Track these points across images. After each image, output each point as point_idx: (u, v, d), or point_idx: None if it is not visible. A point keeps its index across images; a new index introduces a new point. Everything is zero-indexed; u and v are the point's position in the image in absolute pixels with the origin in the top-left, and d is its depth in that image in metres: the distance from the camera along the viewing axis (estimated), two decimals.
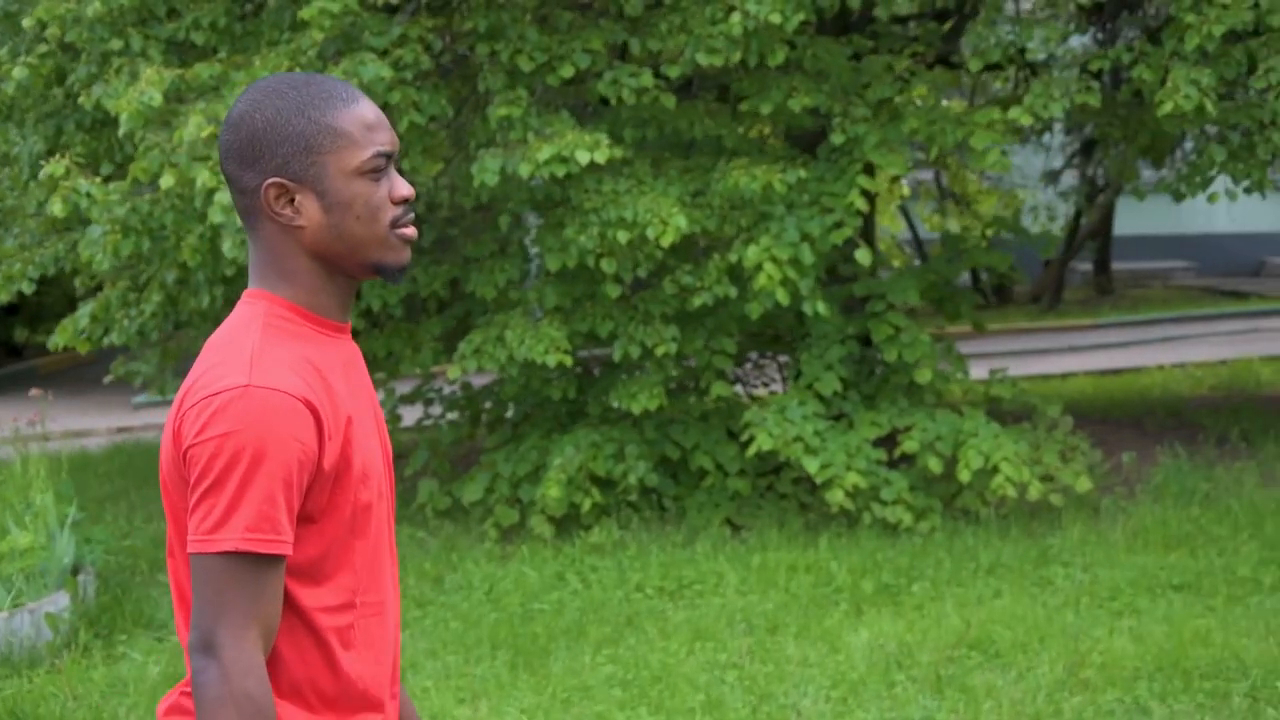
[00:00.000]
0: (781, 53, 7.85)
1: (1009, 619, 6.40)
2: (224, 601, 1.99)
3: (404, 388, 9.99)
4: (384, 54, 7.52)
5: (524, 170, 7.34)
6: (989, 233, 10.27)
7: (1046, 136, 14.08)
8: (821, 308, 8.01)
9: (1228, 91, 8.08)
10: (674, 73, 7.97)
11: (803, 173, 8.02)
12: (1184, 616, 6.34)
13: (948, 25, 9.86)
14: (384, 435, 2.31)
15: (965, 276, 23.02)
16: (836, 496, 7.91)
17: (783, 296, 7.80)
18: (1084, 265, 22.62)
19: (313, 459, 2.06)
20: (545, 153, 7.31)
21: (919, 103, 8.57)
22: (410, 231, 2.18)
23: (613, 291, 7.99)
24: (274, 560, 2.03)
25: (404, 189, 2.17)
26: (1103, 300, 21.33)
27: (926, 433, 8.31)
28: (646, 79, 7.88)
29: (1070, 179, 16.87)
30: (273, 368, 2.05)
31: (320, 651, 2.14)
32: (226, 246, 7.01)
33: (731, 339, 8.60)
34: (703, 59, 7.80)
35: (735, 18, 7.57)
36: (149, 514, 9.41)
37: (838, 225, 8.09)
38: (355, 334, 8.94)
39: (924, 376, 8.48)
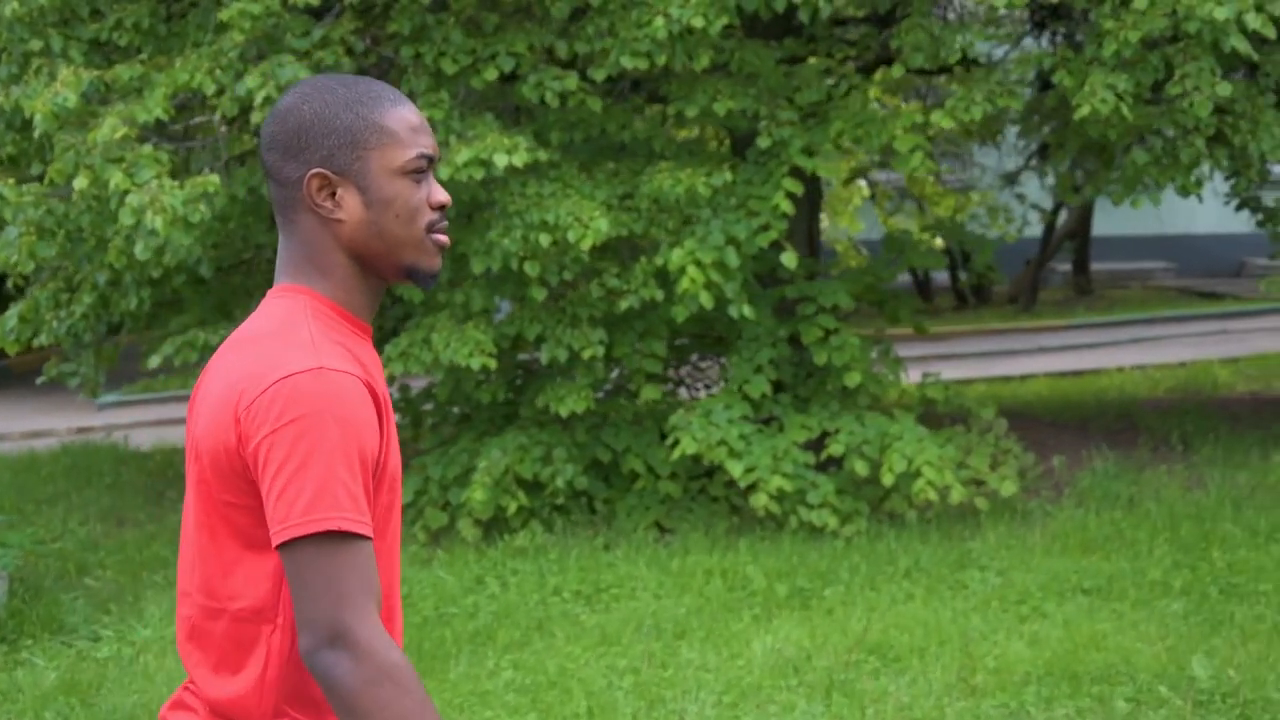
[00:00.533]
0: (706, 56, 7.86)
1: (912, 623, 6.40)
2: (341, 584, 1.94)
3: None
4: (306, 56, 7.52)
5: (443, 173, 7.34)
6: (926, 236, 10.27)
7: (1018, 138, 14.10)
8: (747, 310, 8.01)
9: (1153, 97, 8.08)
10: (600, 75, 7.97)
11: (728, 176, 8.02)
12: (1086, 620, 6.35)
13: (893, 29, 9.85)
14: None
15: (944, 277, 23.06)
16: (760, 500, 7.92)
17: (706, 300, 7.81)
18: (1064, 266, 22.64)
19: (378, 447, 2.07)
20: (464, 155, 7.32)
21: (878, 105, 8.56)
22: (444, 238, 2.19)
23: (538, 294, 7.99)
24: (370, 540, 2.00)
25: (442, 195, 2.18)
26: (1080, 301, 21.35)
27: (854, 436, 8.31)
28: (571, 82, 7.89)
29: (1033, 181, 16.91)
30: (337, 353, 2.05)
31: None
32: (139, 249, 7.02)
33: (661, 342, 8.60)
34: (628, 62, 7.81)
35: (659, 21, 7.59)
36: (85, 516, 9.42)
37: (764, 228, 8.09)
38: None
39: (853, 379, 8.49)
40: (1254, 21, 7.04)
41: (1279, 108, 8.24)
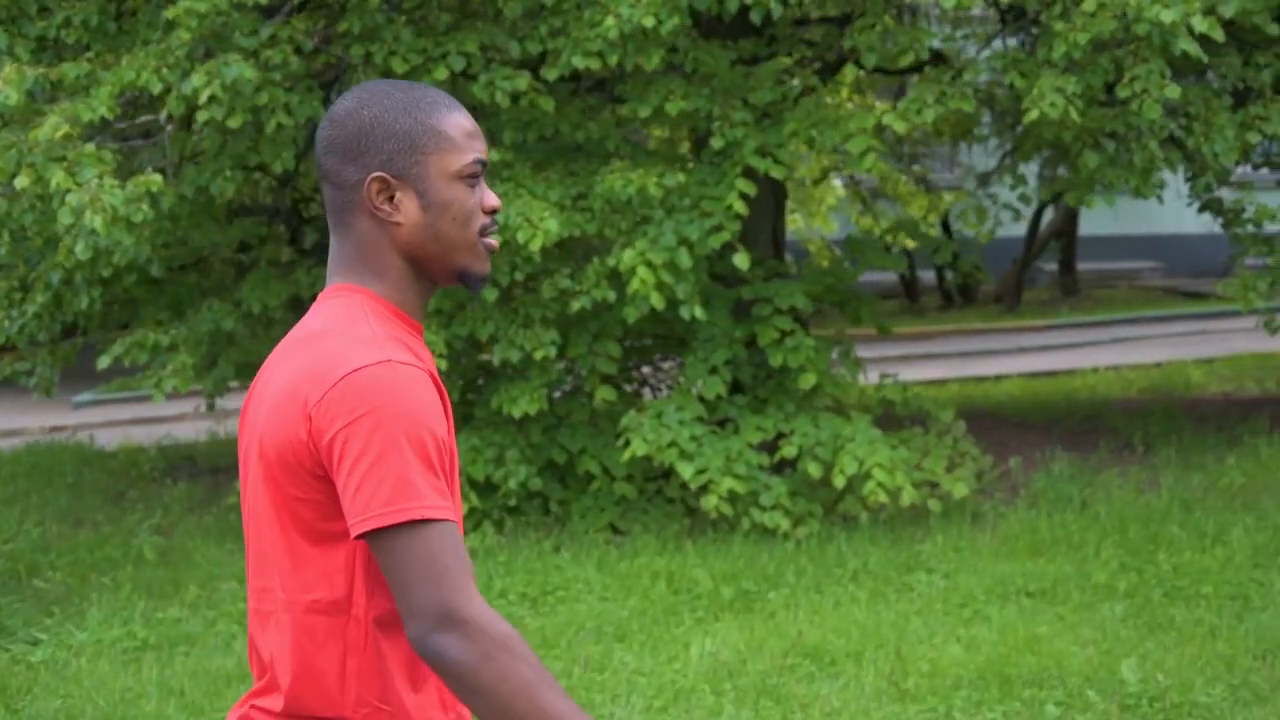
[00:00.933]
0: (657, 56, 7.83)
1: (851, 627, 6.38)
2: (437, 566, 1.97)
3: None
4: (254, 55, 7.50)
5: None
6: (889, 238, 10.23)
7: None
8: (699, 312, 7.99)
9: (1107, 99, 8.06)
10: (552, 75, 7.95)
11: (681, 177, 8.00)
12: (1026, 623, 6.33)
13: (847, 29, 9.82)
14: None
15: (930, 276, 23.03)
16: (711, 502, 7.90)
17: (657, 301, 7.79)
18: (1052, 265, 22.64)
19: (445, 437, 2.10)
20: None
21: (847, 105, 8.52)
22: (494, 242, 2.23)
23: (489, 295, 7.96)
24: (455, 524, 2.03)
25: (494, 200, 2.21)
26: (1065, 301, 21.34)
27: (807, 438, 8.29)
28: (523, 81, 7.87)
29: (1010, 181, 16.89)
30: (398, 348, 2.08)
31: (380, 680, 2.12)
32: (79, 249, 6.99)
33: (616, 343, 8.57)
34: (579, 62, 7.79)
35: (609, 21, 7.57)
36: (42, 516, 9.39)
37: (717, 229, 8.07)
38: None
39: (808, 381, 8.47)
40: (1200, 25, 7.01)
41: (1234, 110, 8.22)
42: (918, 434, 8.78)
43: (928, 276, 23.23)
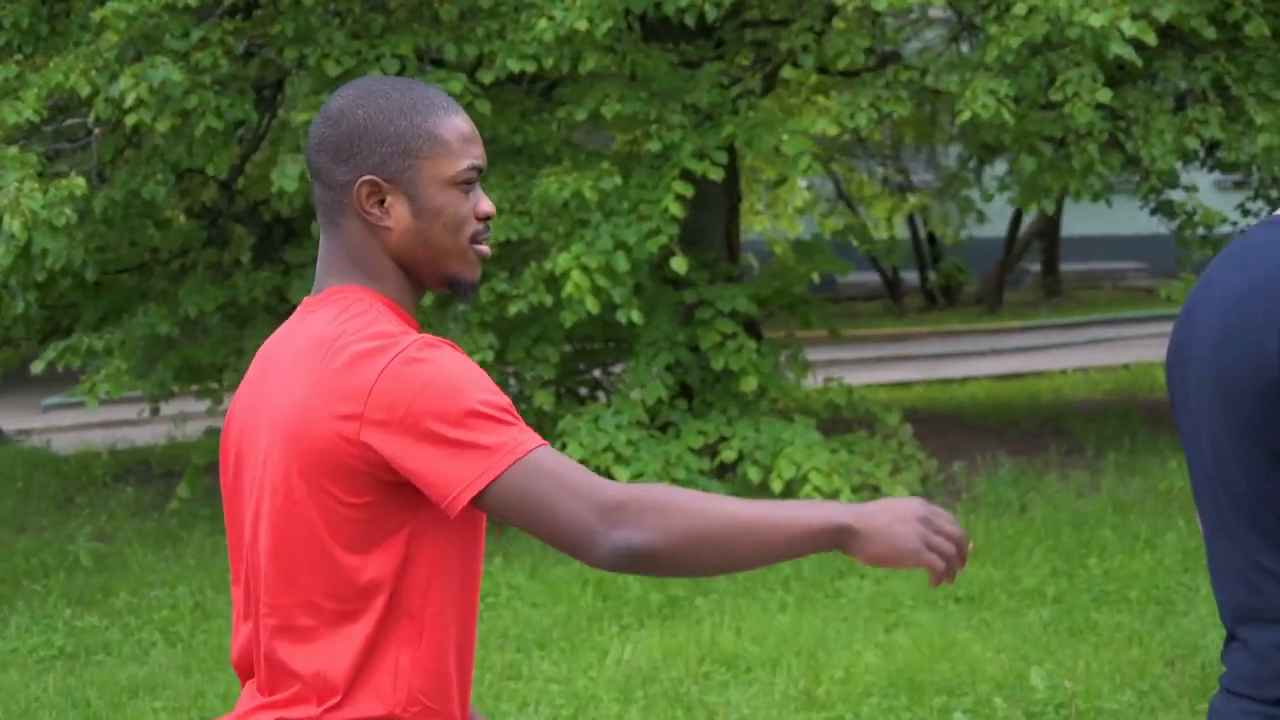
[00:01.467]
0: (592, 59, 7.80)
1: (772, 634, 6.34)
2: (564, 481, 1.96)
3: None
4: (184, 58, 7.46)
5: None
6: (855, 239, 10.21)
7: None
8: (635, 316, 7.95)
9: (1049, 103, 8.02)
10: (488, 78, 7.92)
11: (618, 180, 7.96)
12: (949, 630, 6.28)
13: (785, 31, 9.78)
14: None
15: (914, 278, 22.98)
16: None
17: (592, 305, 7.76)
18: (1036, 266, 22.63)
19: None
20: None
21: (813, 106, 8.44)
22: (486, 249, 2.20)
23: (425, 298, 7.93)
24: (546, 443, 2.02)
25: (488, 206, 2.18)
26: (1048, 302, 21.30)
27: (746, 442, 8.26)
28: (457, 84, 7.83)
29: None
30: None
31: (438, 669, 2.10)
32: (0, 252, 6.96)
33: (555, 347, 8.54)
34: (514, 65, 7.76)
35: (543, 23, 7.54)
36: None
37: (654, 232, 8.03)
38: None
39: (749, 385, 8.44)
40: (1130, 29, 6.98)
41: (1176, 113, 8.18)
42: (862, 438, 8.75)
43: (911, 278, 23.21)
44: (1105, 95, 7.33)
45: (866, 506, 2.03)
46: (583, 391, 9.87)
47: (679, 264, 8.10)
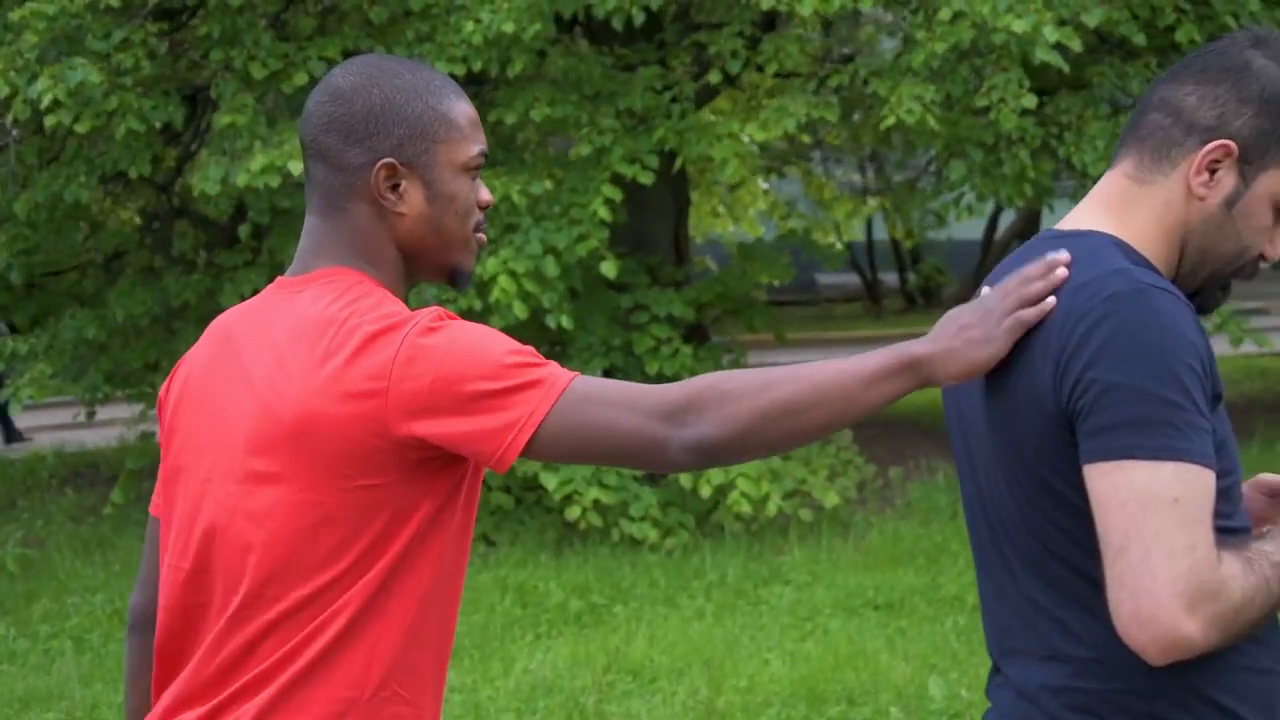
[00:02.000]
0: (520, 62, 7.76)
1: (683, 642, 6.29)
2: (623, 396, 1.90)
3: None
4: (106, 59, 7.40)
5: (241, 180, 7.23)
6: (821, 238, 10.18)
7: None
8: (565, 321, 7.91)
9: (982, 108, 7.98)
10: None
11: (548, 184, 7.92)
12: (862, 637, 6.24)
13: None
14: None
15: (894, 279, 22.95)
16: (574, 513, 7.81)
17: (520, 310, 7.71)
18: None
19: None
20: (259, 162, 7.20)
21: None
22: (484, 238, 2.13)
23: None
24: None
25: (488, 195, 2.11)
26: None
27: None
28: None
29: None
30: None
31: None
32: None
33: None
34: (443, 68, 7.71)
35: (469, 26, 7.50)
36: None
37: (584, 237, 7.98)
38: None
39: None
40: (1053, 35, 6.93)
41: (1111, 119, 8.13)
42: None
43: (891, 279, 23.18)
44: (1030, 101, 7.28)
45: (931, 333, 1.94)
46: None
47: (609, 268, 8.05)
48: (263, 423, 1.99)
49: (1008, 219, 20.59)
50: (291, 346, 2.00)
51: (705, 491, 7.88)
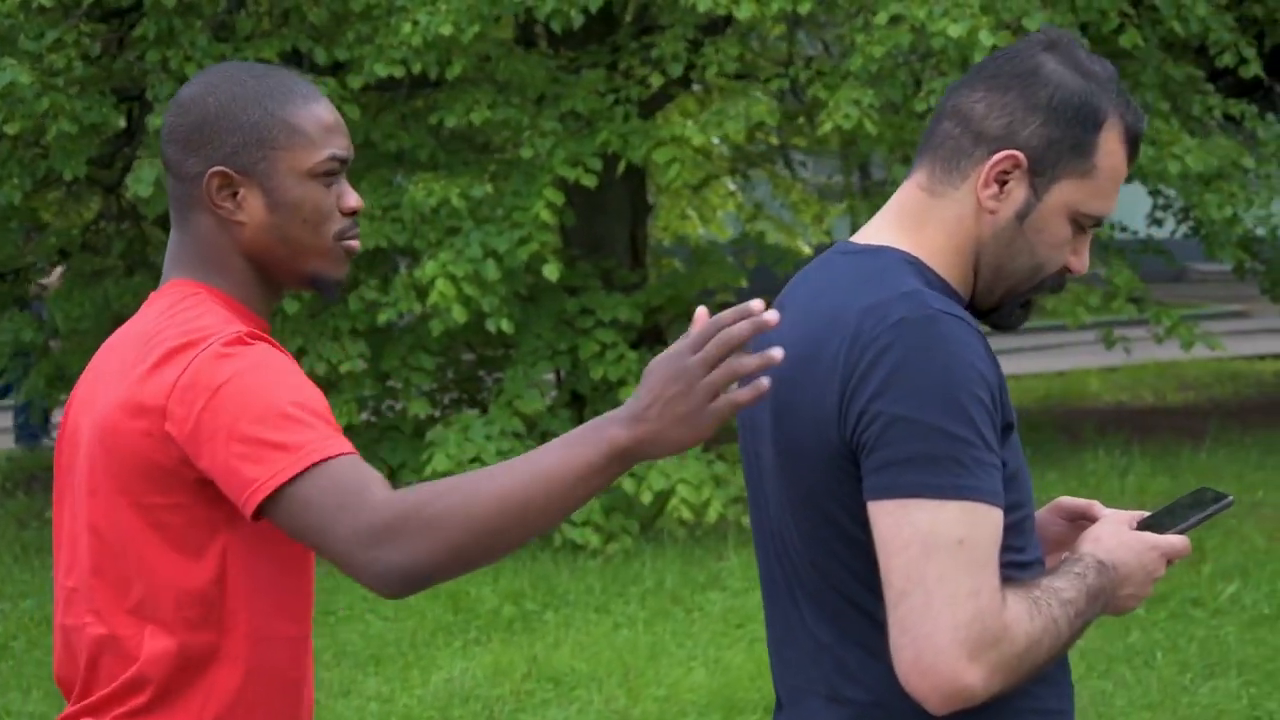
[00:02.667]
0: (459, 64, 7.71)
1: (608, 649, 6.24)
2: (351, 494, 1.79)
3: None
4: (39, 59, 7.36)
5: None
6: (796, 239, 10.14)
7: None
8: (505, 325, 7.86)
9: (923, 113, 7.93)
10: (356, 83, 7.83)
11: (488, 187, 7.88)
12: None
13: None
14: None
15: None
16: None
17: (460, 314, 7.66)
18: None
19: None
20: None
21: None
22: (355, 244, 2.06)
23: (291, 306, 7.83)
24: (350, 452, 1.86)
25: (354, 200, 2.04)
26: None
27: None
28: (325, 89, 7.73)
29: None
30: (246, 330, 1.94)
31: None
32: None
33: (430, 356, 8.44)
34: (381, 70, 7.67)
35: (407, 28, 7.46)
36: None
37: (525, 240, 7.93)
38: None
39: (627, 395, 8.31)
40: (988, 39, 6.88)
41: None
42: None
43: None
44: None
45: (635, 397, 1.75)
46: (483, 398, 9.77)
47: (551, 270, 8.00)
48: (92, 437, 1.98)
49: None
50: (117, 362, 1.99)
51: (646, 498, 7.82)
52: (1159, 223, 10.97)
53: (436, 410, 9.17)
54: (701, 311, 1.74)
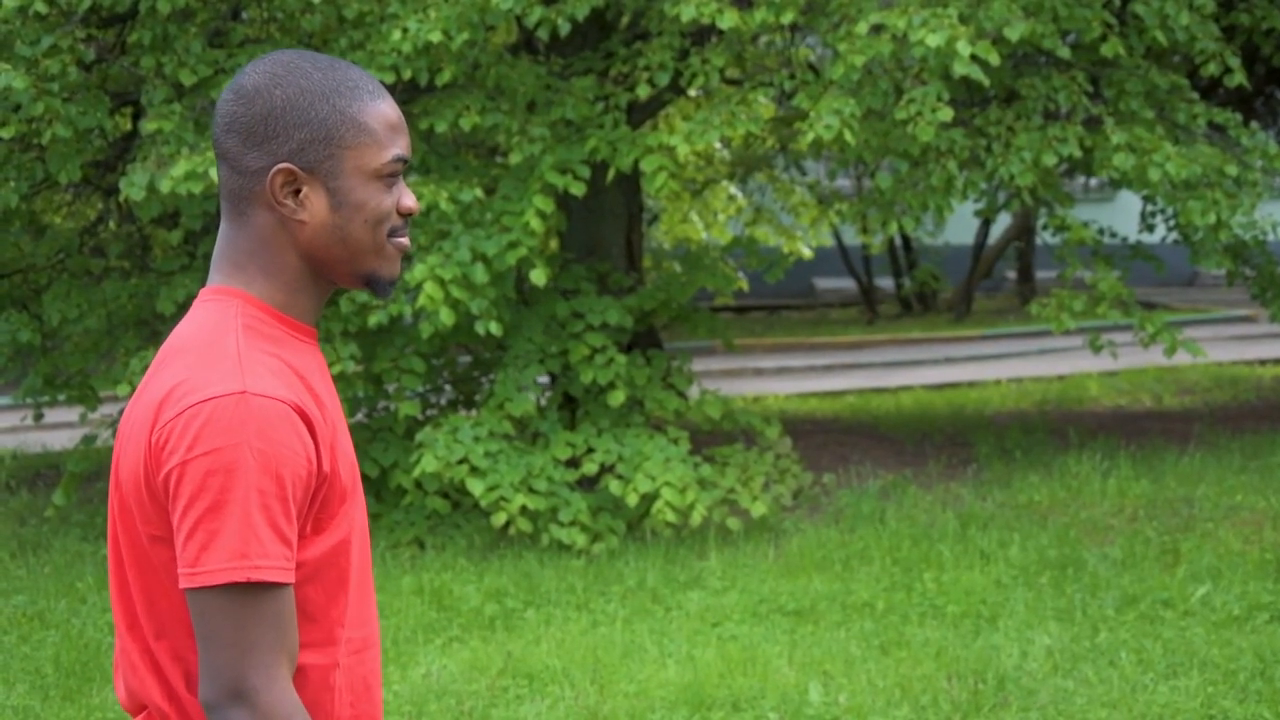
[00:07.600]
0: (449, 71, 7.82)
1: (582, 647, 6.34)
2: (249, 639, 1.80)
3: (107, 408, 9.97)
4: (34, 65, 7.48)
5: (165, 186, 7.30)
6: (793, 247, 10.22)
7: None
8: (494, 328, 7.96)
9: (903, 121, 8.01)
10: None
11: (478, 192, 7.98)
12: (763, 643, 6.29)
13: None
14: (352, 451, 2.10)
15: (889, 284, 22.94)
16: (500, 519, 7.87)
17: (448, 316, 7.76)
18: (1013, 274, 22.67)
19: (314, 473, 1.90)
20: (182, 169, 7.27)
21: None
22: (406, 242, 2.04)
23: None
24: (289, 587, 1.85)
25: (411, 201, 2.02)
26: (1021, 310, 21.28)
27: (609, 454, 8.27)
28: None
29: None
30: (263, 373, 1.88)
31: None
32: None
33: (421, 358, 8.55)
34: (375, 76, 7.76)
35: (397, 34, 7.57)
36: None
37: (514, 244, 8.04)
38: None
39: (616, 399, 8.45)
40: (966, 49, 6.96)
41: (1041, 130, 8.16)
42: (739, 450, 8.74)
43: (886, 284, 23.18)
44: (946, 114, 7.31)
45: None
46: (479, 400, 9.87)
47: (538, 275, 8.10)
48: (116, 457, 2.01)
49: (1003, 223, 20.64)
50: (153, 378, 1.98)
51: (632, 499, 7.93)
52: (1151, 229, 11.02)
53: (431, 411, 9.29)
54: None
